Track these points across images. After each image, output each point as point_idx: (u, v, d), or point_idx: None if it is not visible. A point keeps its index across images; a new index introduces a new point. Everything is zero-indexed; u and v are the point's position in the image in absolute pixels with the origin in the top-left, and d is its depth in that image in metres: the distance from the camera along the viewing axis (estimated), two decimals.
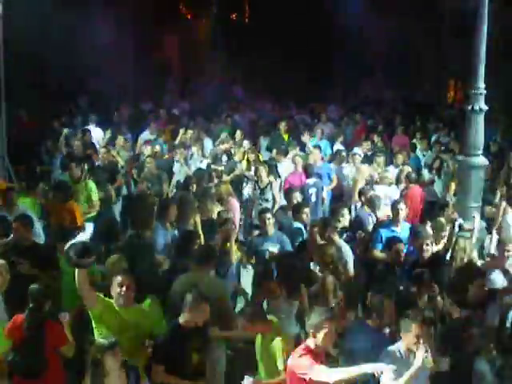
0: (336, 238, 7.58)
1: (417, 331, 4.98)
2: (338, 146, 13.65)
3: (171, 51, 24.59)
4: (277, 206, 10.01)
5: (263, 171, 10.40)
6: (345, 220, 8.48)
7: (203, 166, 11.45)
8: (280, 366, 5.38)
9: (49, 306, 5.61)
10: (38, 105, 15.23)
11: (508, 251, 7.27)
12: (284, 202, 9.97)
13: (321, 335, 4.90)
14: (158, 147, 12.27)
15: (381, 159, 11.71)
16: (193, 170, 11.19)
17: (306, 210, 8.63)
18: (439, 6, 20.70)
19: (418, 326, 5.01)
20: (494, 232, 9.11)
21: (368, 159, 12.21)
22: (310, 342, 4.98)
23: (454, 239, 7.42)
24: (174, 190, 10.67)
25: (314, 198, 10.48)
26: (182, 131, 13.54)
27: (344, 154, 12.26)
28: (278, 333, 5.52)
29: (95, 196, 9.40)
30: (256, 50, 21.93)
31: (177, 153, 11.73)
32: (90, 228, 8.62)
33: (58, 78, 17.16)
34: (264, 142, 14.24)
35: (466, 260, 7.25)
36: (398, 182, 10.69)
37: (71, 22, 16.33)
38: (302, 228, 8.38)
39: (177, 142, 13.11)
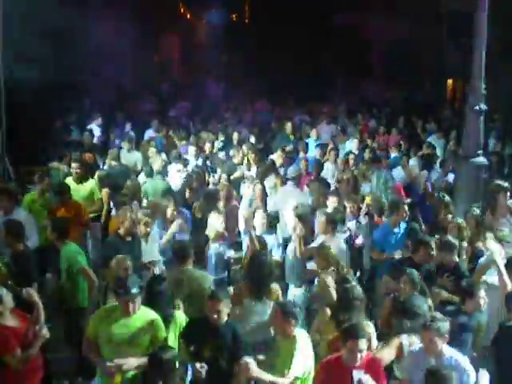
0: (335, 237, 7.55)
1: None
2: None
3: (171, 51, 24.58)
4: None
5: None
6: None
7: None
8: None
9: None
10: (39, 105, 15.20)
11: None
12: None
13: None
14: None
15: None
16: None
17: None
18: (439, 7, 20.72)
19: None
20: None
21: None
22: None
23: None
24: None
25: None
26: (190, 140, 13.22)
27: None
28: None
29: (97, 195, 9.45)
30: (255, 50, 21.92)
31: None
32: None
33: (58, 77, 17.14)
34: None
35: None
36: None
37: (71, 22, 16.30)
38: None
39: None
